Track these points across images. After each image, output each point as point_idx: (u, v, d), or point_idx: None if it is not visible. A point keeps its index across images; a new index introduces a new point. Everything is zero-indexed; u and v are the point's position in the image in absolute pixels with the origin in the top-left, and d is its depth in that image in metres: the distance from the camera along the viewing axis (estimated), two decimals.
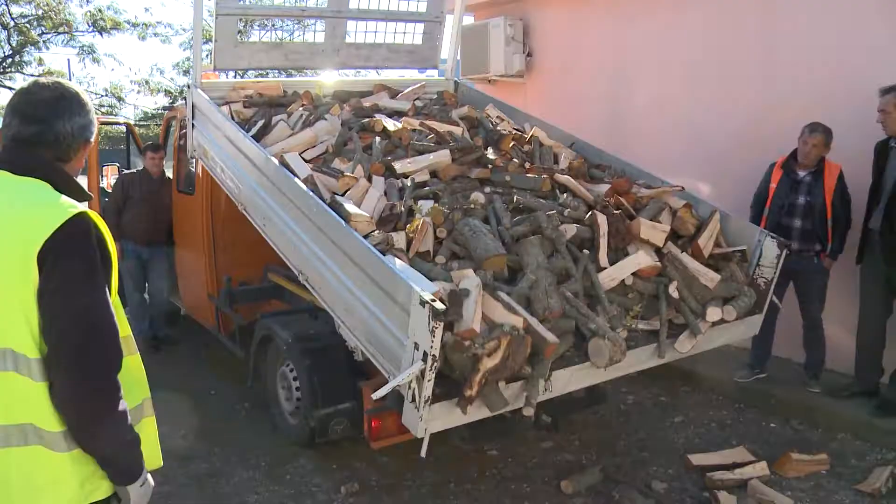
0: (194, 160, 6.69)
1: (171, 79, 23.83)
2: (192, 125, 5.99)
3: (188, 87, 6.14)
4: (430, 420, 3.42)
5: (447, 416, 3.52)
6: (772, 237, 4.58)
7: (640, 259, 4.20)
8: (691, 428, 5.55)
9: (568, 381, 3.87)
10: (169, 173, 7.54)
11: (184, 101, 6.94)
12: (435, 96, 6.71)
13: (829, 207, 5.51)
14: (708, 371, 6.20)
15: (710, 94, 6.88)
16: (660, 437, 5.41)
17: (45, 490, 1.94)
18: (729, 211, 4.94)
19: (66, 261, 1.88)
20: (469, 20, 9.06)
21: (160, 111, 23.52)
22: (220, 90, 6.14)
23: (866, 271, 5.39)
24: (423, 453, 3.50)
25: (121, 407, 1.98)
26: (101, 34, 21.20)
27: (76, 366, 1.89)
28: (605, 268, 4.17)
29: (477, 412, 3.60)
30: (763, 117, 5.99)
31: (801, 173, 5.64)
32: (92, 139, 2.19)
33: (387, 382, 3.54)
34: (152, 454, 2.27)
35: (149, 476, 2.17)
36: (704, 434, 5.43)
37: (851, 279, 5.61)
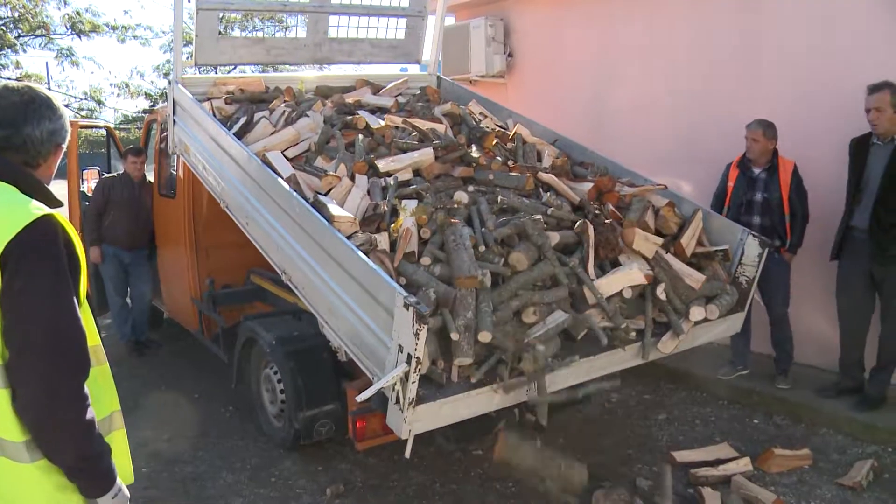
0: (176, 163, 6.66)
1: (152, 82, 23.68)
2: (174, 121, 5.95)
3: (169, 82, 6.10)
4: (414, 421, 3.42)
5: (431, 418, 3.52)
6: (754, 236, 4.62)
7: (634, 276, 4.18)
8: (675, 425, 5.58)
9: (552, 381, 3.88)
10: (150, 177, 7.51)
11: (164, 104, 6.91)
12: (418, 92, 6.69)
13: (785, 203, 5.59)
14: (691, 369, 6.23)
15: (691, 93, 6.92)
16: (644, 435, 5.44)
17: (10, 503, 1.88)
18: (710, 209, 4.98)
19: (31, 263, 1.82)
20: (450, 21, 9.06)
21: (140, 114, 23.37)
22: (201, 85, 6.11)
23: (848, 269, 5.41)
24: (407, 454, 3.51)
25: (87, 416, 1.90)
26: (80, 37, 21.00)
27: (39, 372, 1.81)
28: (593, 279, 4.16)
29: (461, 412, 3.61)
30: (744, 116, 6.02)
31: (757, 170, 5.72)
32: (64, 144, 2.14)
33: (371, 384, 3.54)
34: (124, 470, 2.15)
35: (123, 487, 2.07)
36: (688, 431, 5.46)
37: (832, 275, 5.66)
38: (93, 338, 2.02)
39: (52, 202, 2.03)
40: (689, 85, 6.94)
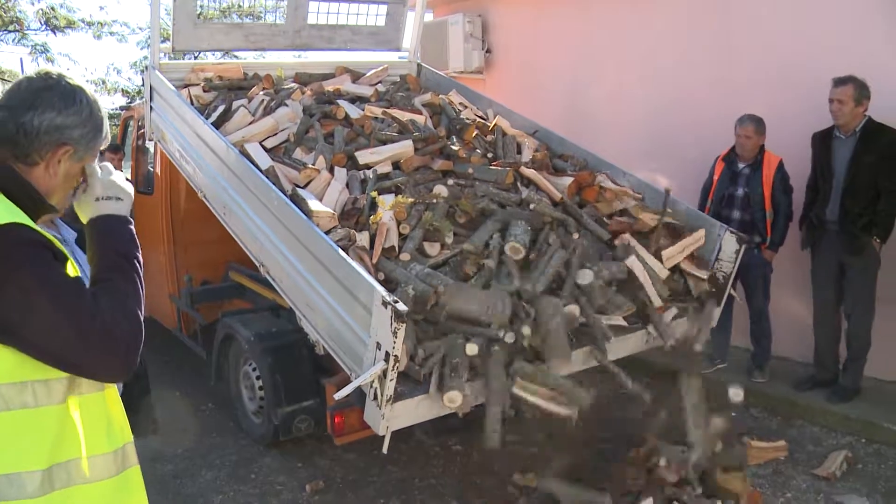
0: (153, 160, 6.61)
1: (129, 78, 23.41)
2: (151, 108, 5.89)
3: (146, 68, 6.01)
4: (391, 418, 3.43)
5: (409, 415, 3.53)
6: (731, 232, 4.64)
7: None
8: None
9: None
10: (127, 174, 7.45)
11: (142, 101, 6.84)
12: (398, 79, 6.65)
13: (767, 199, 5.63)
14: (669, 362, 6.25)
15: (668, 88, 6.97)
16: (622, 429, 5.46)
17: None
18: (686, 202, 5.01)
19: (9, 286, 1.57)
20: (428, 17, 9.05)
21: (117, 111, 23.14)
22: (179, 71, 6.05)
23: (821, 262, 5.49)
24: (384, 450, 3.51)
25: (134, 290, 1.79)
26: (55, 33, 20.69)
27: (81, 349, 1.62)
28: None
29: (438, 409, 3.62)
30: (718, 110, 6.09)
31: (741, 165, 5.77)
32: (73, 147, 1.80)
33: (349, 380, 3.54)
34: None
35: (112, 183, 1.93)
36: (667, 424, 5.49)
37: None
38: None
39: (44, 208, 1.79)
40: (664, 80, 6.98)
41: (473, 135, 5.36)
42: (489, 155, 5.20)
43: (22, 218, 1.64)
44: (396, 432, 3.53)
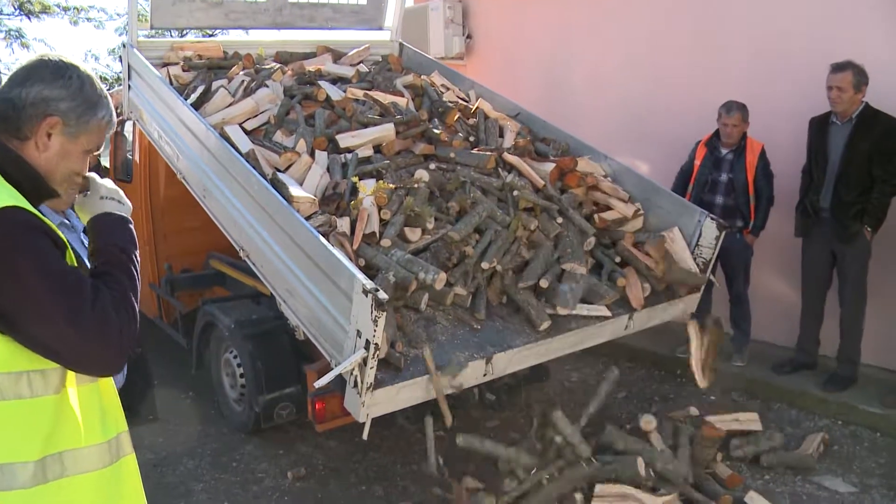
0: (132, 148, 6.55)
1: (107, 65, 23.14)
2: (129, 86, 5.81)
3: (123, 46, 5.92)
4: (371, 406, 3.43)
5: (389, 402, 3.53)
6: (711, 218, 4.65)
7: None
8: (634, 402, 5.66)
9: (508, 362, 3.91)
10: (105, 161, 7.39)
11: (120, 88, 6.75)
12: (380, 59, 6.59)
13: (750, 184, 5.65)
14: (650, 347, 6.31)
15: (647, 73, 6.98)
16: (603, 414, 5.49)
17: None
18: (662, 186, 5.03)
19: (4, 271, 1.55)
20: (409, 2, 9.01)
21: None
22: (157, 50, 5.97)
23: (812, 248, 5.51)
24: (364, 436, 3.51)
25: (132, 285, 1.82)
26: (30, 18, 20.43)
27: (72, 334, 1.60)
28: None
29: (418, 395, 3.63)
30: (696, 95, 6.12)
31: (724, 151, 5.78)
32: (57, 116, 1.75)
33: (330, 366, 3.54)
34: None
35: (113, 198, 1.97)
36: (647, 408, 5.54)
37: (794, 255, 5.77)
38: None
39: (43, 191, 1.78)
40: (643, 65, 7.00)
41: (455, 118, 5.33)
42: (471, 139, 5.18)
43: (21, 201, 1.62)
44: (377, 418, 3.53)
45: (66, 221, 2.03)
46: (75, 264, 1.72)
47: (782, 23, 5.93)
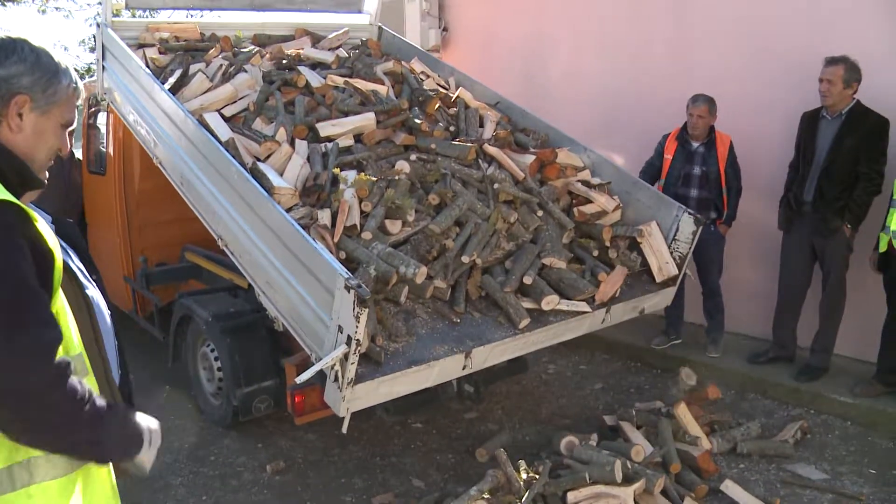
0: (105, 140, 6.48)
1: (77, 56, 22.80)
2: (103, 67, 5.71)
3: (97, 25, 5.79)
4: (352, 400, 3.43)
5: (369, 396, 3.54)
6: (689, 213, 4.70)
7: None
8: (611, 394, 5.71)
9: (487, 356, 3.93)
10: (78, 154, 7.30)
11: (92, 79, 6.66)
12: (359, 43, 6.55)
13: (723, 176, 5.72)
14: (626, 339, 6.36)
15: (624, 65, 7.01)
16: (580, 405, 5.55)
17: None
18: (641, 179, 5.08)
19: None
20: None
21: None
22: (132, 30, 5.88)
23: (792, 241, 5.56)
24: (344, 430, 3.52)
25: (89, 408, 1.58)
26: None
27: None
28: None
29: (397, 390, 3.64)
30: (673, 88, 6.15)
31: (695, 144, 5.83)
32: (23, 93, 1.70)
33: (309, 359, 3.54)
34: None
35: (151, 424, 1.84)
36: (624, 399, 5.58)
37: (771, 248, 5.85)
38: (72, 346, 1.68)
39: (29, 181, 1.72)
40: (623, 58, 7.02)
41: (436, 107, 5.30)
42: (451, 129, 5.17)
43: (8, 197, 1.56)
44: (356, 411, 3.54)
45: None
46: (58, 280, 1.62)
47: (764, 15, 5.97)
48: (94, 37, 5.98)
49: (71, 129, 1.86)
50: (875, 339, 5.23)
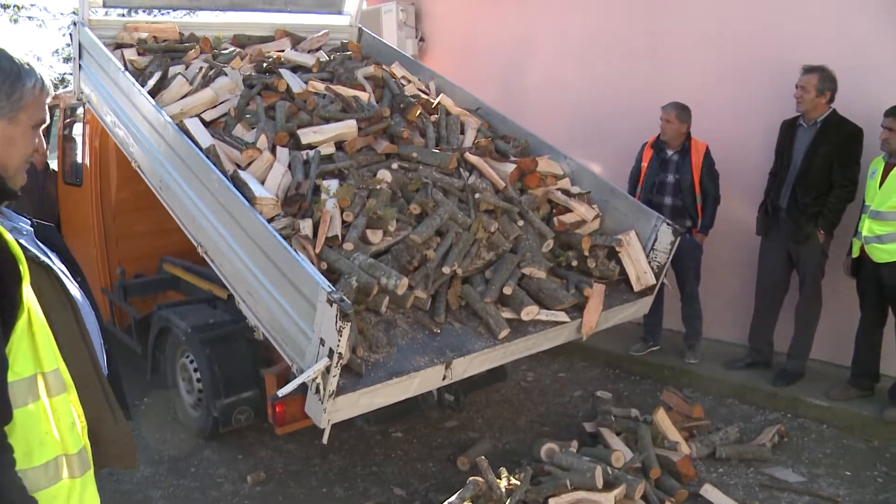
0: (82, 151, 6.44)
1: (51, 66, 22.59)
2: (80, 66, 5.66)
3: (74, 24, 5.71)
4: (333, 412, 3.44)
5: (350, 408, 3.55)
6: (667, 224, 4.74)
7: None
8: (590, 401, 5.73)
9: (467, 366, 3.96)
10: (53, 165, 7.25)
11: (66, 90, 6.62)
12: (339, 44, 6.54)
13: (696, 184, 5.78)
14: (605, 346, 6.40)
15: (602, 75, 7.06)
16: (559, 412, 5.58)
17: None
18: (617, 186, 5.12)
19: None
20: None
21: None
22: (110, 28, 5.83)
23: (769, 248, 5.63)
24: (324, 441, 3.53)
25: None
26: None
27: None
28: None
29: (378, 401, 3.65)
30: (651, 96, 6.21)
31: (670, 152, 5.90)
32: None
33: (289, 369, 3.54)
34: None
35: None
36: (603, 407, 5.60)
37: (748, 254, 5.91)
38: (49, 362, 1.62)
39: (2, 193, 1.69)
40: (600, 68, 7.07)
41: (417, 114, 5.30)
42: (433, 135, 5.17)
43: None
44: (337, 422, 3.55)
45: (8, 225, 1.87)
46: (23, 292, 1.55)
47: (742, 26, 6.04)
48: (71, 35, 5.87)
49: (44, 125, 1.80)
50: (849, 343, 5.30)
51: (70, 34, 6.25)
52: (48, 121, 1.80)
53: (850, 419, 5.12)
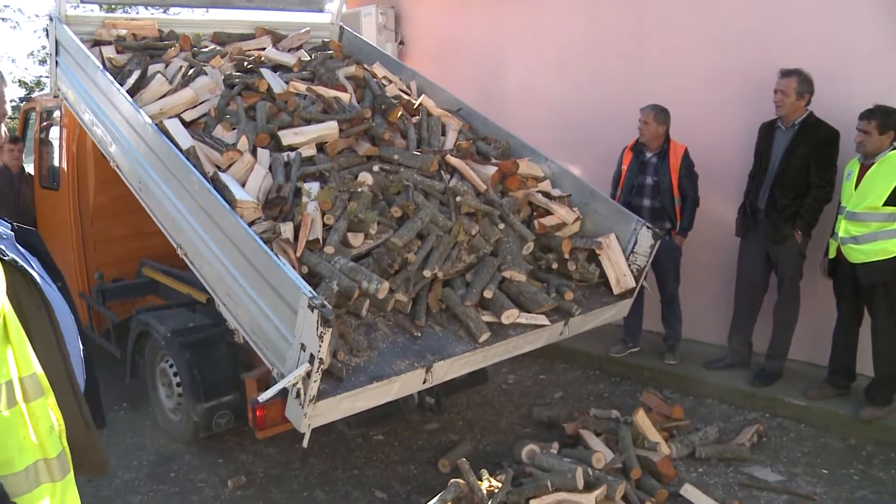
0: (59, 154, 6.39)
1: (26, 68, 22.36)
2: (56, 62, 5.58)
3: (50, 19, 5.62)
4: (313, 416, 3.43)
5: (330, 412, 3.55)
6: (647, 227, 4.77)
7: None
8: (570, 402, 5.76)
9: (447, 370, 3.96)
10: (29, 168, 7.19)
11: (42, 93, 6.55)
12: (320, 43, 6.51)
13: (675, 186, 5.82)
14: (585, 348, 6.42)
15: (582, 78, 7.09)
16: (541, 414, 5.58)
17: None
18: (597, 188, 5.14)
19: None
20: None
21: (16, 103, 22.11)
22: (88, 25, 5.74)
23: (748, 249, 5.68)
24: (304, 445, 3.51)
25: None
26: None
27: None
28: None
29: (358, 405, 3.65)
30: (630, 101, 6.23)
31: (649, 154, 5.93)
32: None
33: (269, 373, 3.52)
34: None
35: None
36: (583, 408, 5.62)
37: (727, 255, 5.96)
38: (25, 366, 1.59)
39: None
40: (580, 72, 7.10)
41: (399, 115, 5.28)
42: (414, 137, 5.15)
43: None
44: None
45: None
46: (0, 305, 1.52)
47: (721, 30, 6.08)
48: (47, 31, 5.79)
49: (5, 117, 1.77)
50: (826, 343, 5.36)
51: (46, 30, 6.15)
52: (8, 112, 1.77)
53: (828, 418, 5.17)
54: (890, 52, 5.21)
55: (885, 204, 4.73)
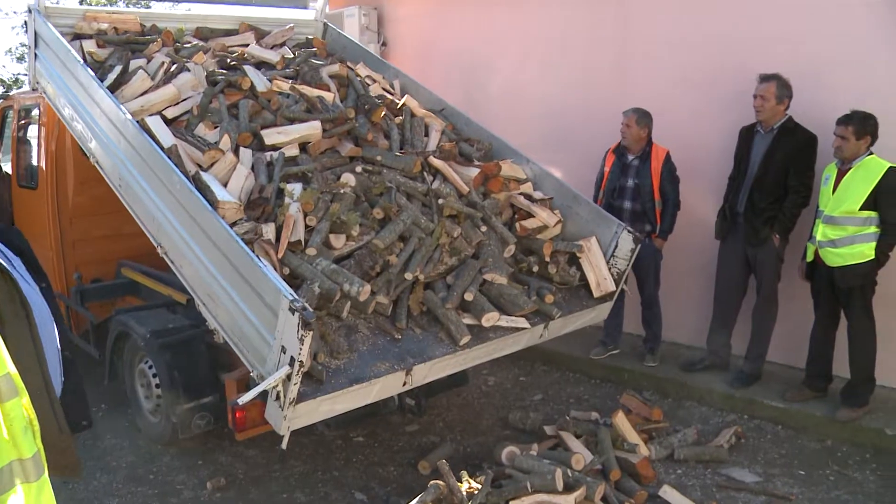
0: (37, 153, 6.33)
1: (3, 66, 22.17)
2: (35, 55, 5.51)
3: (29, 11, 5.51)
4: (293, 418, 3.42)
5: (310, 414, 3.54)
6: (628, 231, 4.79)
7: None
8: (551, 405, 5.78)
9: (427, 372, 3.97)
10: (6, 167, 7.12)
11: (20, 91, 6.49)
12: (304, 40, 6.49)
13: (655, 189, 5.85)
14: (565, 350, 6.45)
15: (565, 81, 7.11)
16: (520, 416, 5.60)
17: None
18: (581, 193, 5.16)
19: None
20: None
21: None
22: (68, 17, 5.65)
23: (727, 251, 5.72)
24: (283, 446, 3.50)
25: None
26: None
27: None
28: None
29: (338, 408, 3.65)
30: (613, 104, 6.26)
31: (630, 157, 5.97)
32: None
33: (248, 374, 3.51)
34: None
35: None
36: (563, 410, 5.65)
37: (706, 258, 6.00)
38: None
39: None
40: (564, 73, 7.12)
41: (382, 115, 5.26)
42: (397, 137, 5.15)
43: None
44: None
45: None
46: None
47: (704, 36, 6.11)
48: (26, 24, 5.69)
49: None
50: (804, 345, 5.41)
51: (25, 23, 6.05)
52: None
53: (805, 420, 5.23)
54: (867, 58, 5.27)
55: (862, 208, 4.79)
